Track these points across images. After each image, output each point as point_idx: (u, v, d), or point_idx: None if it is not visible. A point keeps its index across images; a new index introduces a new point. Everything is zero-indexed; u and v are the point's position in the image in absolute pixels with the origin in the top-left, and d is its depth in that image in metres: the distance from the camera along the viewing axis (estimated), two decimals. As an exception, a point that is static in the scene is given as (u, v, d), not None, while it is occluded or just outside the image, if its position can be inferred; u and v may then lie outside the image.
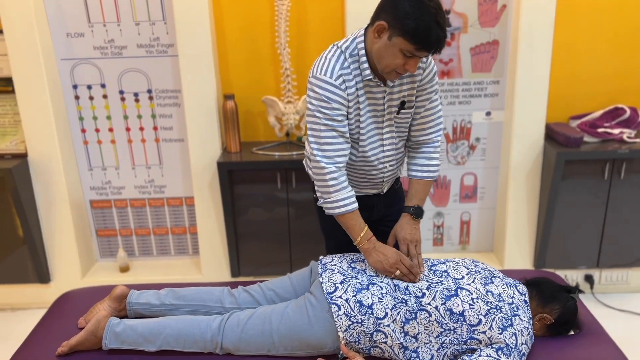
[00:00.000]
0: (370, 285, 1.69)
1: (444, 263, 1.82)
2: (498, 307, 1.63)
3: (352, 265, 1.79)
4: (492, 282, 1.72)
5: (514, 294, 1.71)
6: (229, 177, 2.61)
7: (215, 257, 2.84)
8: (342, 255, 1.87)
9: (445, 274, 1.74)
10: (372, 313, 1.63)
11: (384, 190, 1.96)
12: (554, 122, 2.77)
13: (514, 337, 1.60)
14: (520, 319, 1.65)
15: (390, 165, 1.87)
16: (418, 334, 1.64)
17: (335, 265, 1.79)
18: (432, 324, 1.62)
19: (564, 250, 2.77)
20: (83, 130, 2.81)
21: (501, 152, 2.86)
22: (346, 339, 1.64)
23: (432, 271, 1.76)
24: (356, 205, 1.73)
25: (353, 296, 1.66)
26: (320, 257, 1.87)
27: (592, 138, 2.65)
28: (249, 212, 2.70)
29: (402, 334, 1.64)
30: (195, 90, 2.58)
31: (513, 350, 1.59)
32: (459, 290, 1.67)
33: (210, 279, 2.86)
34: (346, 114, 1.69)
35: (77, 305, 2.03)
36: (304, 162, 2.04)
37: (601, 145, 2.61)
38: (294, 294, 1.85)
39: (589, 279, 2.85)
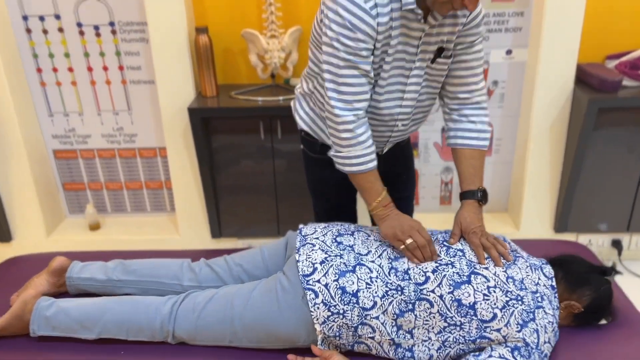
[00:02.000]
0: (358, 267, 1.36)
1: (462, 239, 1.48)
2: (519, 298, 1.30)
3: (338, 239, 1.45)
4: (515, 264, 1.38)
5: (539, 279, 1.38)
6: (204, 126, 2.25)
7: (193, 216, 2.52)
8: (327, 225, 1.54)
9: (460, 254, 1.40)
10: (357, 302, 1.31)
11: (384, 151, 1.60)
12: (586, 62, 2.34)
13: (535, 335, 1.28)
14: (544, 311, 1.32)
15: (403, 125, 1.50)
16: (414, 328, 1.32)
17: (317, 238, 1.46)
18: (434, 317, 1.30)
19: (589, 212, 2.42)
20: (39, 70, 2.44)
21: (522, 97, 2.46)
22: (324, 333, 1.33)
23: (444, 248, 1.42)
24: (374, 164, 1.40)
25: (334, 280, 1.33)
26: (300, 226, 1.53)
27: (633, 81, 2.23)
28: (229, 166, 2.35)
29: (394, 328, 1.32)
30: (163, 22, 2.18)
31: (533, 351, 1.27)
32: (472, 276, 1.33)
33: (189, 239, 2.55)
34: (372, 48, 1.30)
35: (20, 275, 1.74)
36: (291, 103, 1.66)
37: (642, 91, 2.20)
38: (266, 271, 1.53)
39: (616, 244, 2.51)
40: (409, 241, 1.37)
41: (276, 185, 2.41)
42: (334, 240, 1.45)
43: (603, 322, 1.49)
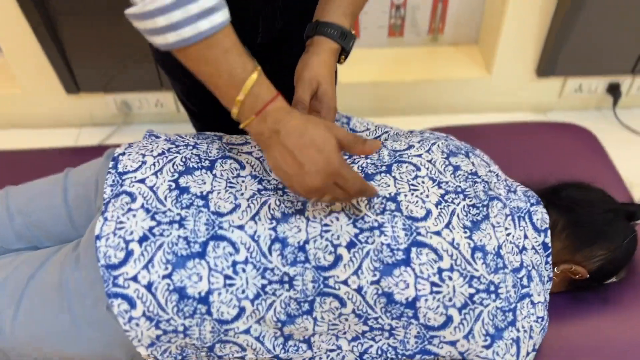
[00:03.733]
0: (212, 245, 0.76)
1: (392, 166, 0.84)
2: (492, 290, 0.76)
3: (183, 181, 0.82)
4: (487, 218, 0.80)
5: (524, 237, 0.82)
6: None
7: (33, 61, 1.74)
8: (171, 146, 0.88)
9: (393, 205, 0.79)
10: (209, 312, 0.73)
11: None
12: None
13: (514, 349, 0.76)
14: (531, 302, 0.79)
15: None
16: (313, 335, 0.77)
17: (142, 181, 0.81)
18: (346, 320, 0.76)
19: (587, 48, 1.76)
20: None
21: None
22: (156, 357, 0.77)
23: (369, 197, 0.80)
24: (222, 18, 0.64)
25: (165, 276, 0.73)
26: (118, 153, 0.86)
27: None
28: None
29: (279, 341, 0.77)
30: None
31: None
32: (414, 250, 0.75)
33: (36, 97, 1.83)
34: None
35: None
36: None
37: None
38: (71, 226, 0.90)
39: (613, 90, 1.91)
40: (325, 199, 0.73)
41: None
42: (173, 185, 0.80)
43: (611, 280, 0.97)
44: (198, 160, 0.83)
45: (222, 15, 0.64)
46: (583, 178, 1.17)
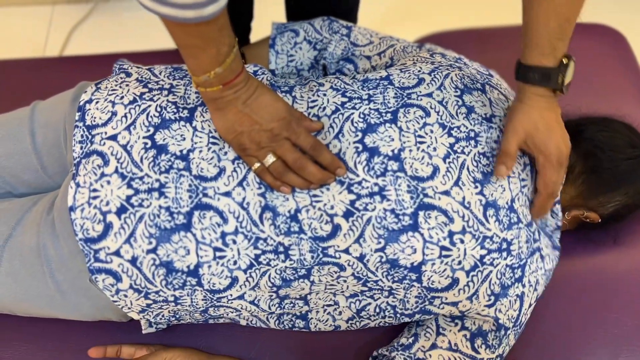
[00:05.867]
0: (197, 216, 0.72)
1: (398, 112, 0.75)
2: (504, 246, 0.73)
3: (159, 137, 0.74)
4: (514, 176, 0.75)
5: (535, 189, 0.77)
6: None
7: None
8: (140, 90, 0.78)
9: (397, 165, 0.72)
10: (201, 284, 0.71)
11: None
12: None
13: (517, 304, 0.76)
14: (540, 255, 0.77)
15: None
16: (310, 294, 0.76)
17: (114, 138, 0.74)
18: (345, 282, 0.75)
19: None
20: None
21: None
22: (149, 320, 0.76)
23: (362, 151, 0.73)
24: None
25: (150, 251, 0.69)
26: (85, 99, 0.76)
27: None
28: None
29: (275, 301, 0.76)
30: None
31: (509, 332, 0.76)
32: (422, 214, 0.71)
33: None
34: None
35: None
36: None
37: None
38: (43, 174, 0.83)
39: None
40: (268, 160, 0.68)
41: None
42: (149, 143, 0.71)
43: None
44: (175, 110, 0.72)
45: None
46: (608, 91, 1.07)
